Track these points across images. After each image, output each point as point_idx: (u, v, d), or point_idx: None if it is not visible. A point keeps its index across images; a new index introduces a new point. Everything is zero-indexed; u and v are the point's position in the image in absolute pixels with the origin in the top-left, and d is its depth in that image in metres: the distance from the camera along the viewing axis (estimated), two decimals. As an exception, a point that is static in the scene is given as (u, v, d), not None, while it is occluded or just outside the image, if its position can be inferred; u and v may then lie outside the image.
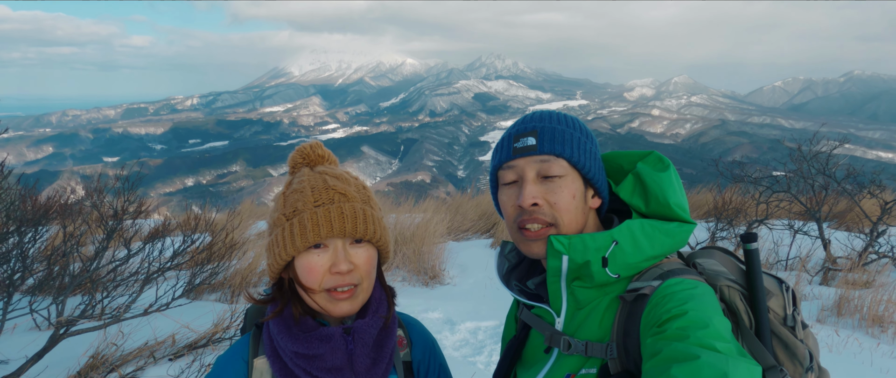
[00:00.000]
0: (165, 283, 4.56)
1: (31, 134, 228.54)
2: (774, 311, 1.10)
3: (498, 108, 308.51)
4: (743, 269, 1.15)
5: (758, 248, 1.11)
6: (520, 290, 1.27)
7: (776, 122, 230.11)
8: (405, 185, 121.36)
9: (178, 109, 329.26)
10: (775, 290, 1.12)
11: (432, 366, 1.32)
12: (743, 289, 1.09)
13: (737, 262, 1.19)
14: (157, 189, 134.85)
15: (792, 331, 1.09)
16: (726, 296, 1.08)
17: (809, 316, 4.81)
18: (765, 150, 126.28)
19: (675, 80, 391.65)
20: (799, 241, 7.09)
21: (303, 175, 1.20)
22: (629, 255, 1.09)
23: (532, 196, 1.12)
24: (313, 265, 1.11)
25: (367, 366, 1.13)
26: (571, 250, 1.09)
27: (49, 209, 3.68)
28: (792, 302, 1.11)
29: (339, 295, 1.13)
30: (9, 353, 3.58)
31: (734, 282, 1.09)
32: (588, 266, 1.09)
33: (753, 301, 1.08)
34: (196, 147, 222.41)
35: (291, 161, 1.25)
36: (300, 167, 1.24)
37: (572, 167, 1.14)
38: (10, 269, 3.43)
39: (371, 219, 1.16)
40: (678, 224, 1.14)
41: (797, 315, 1.10)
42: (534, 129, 1.16)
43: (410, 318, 1.37)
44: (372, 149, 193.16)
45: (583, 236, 1.10)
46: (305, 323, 1.14)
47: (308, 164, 1.24)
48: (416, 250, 6.28)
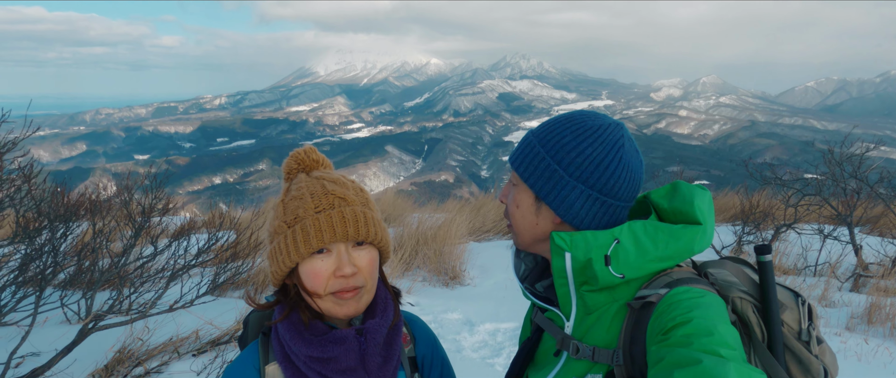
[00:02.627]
0: (190, 280, 4.64)
1: (66, 131, 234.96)
2: (789, 324, 1.08)
3: (522, 108, 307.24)
4: (756, 282, 1.13)
5: (772, 260, 1.10)
6: (533, 292, 1.28)
7: (808, 123, 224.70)
8: (429, 185, 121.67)
9: (207, 108, 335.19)
10: (790, 304, 1.10)
11: (435, 360, 1.35)
12: (756, 301, 1.08)
13: (750, 272, 1.16)
14: (184, 187, 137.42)
15: (806, 346, 1.07)
16: (739, 308, 1.07)
17: (838, 323, 4.69)
18: (796, 152, 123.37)
19: (703, 81, 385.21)
20: (829, 246, 6.91)
21: (300, 181, 1.21)
22: (632, 255, 1.08)
23: (502, 195, 1.29)
24: (318, 270, 1.13)
25: (378, 364, 1.16)
26: (573, 247, 1.10)
27: (78, 206, 3.79)
28: (808, 316, 1.09)
29: (344, 295, 1.15)
30: (40, 345, 3.69)
31: (747, 293, 1.08)
32: (591, 265, 1.09)
33: (766, 314, 1.07)
34: (223, 145, 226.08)
35: (286, 167, 1.26)
36: (296, 173, 1.25)
37: (521, 180, 1.21)
38: (43, 265, 3.54)
39: (371, 221, 1.18)
40: (683, 226, 1.11)
41: (812, 330, 1.08)
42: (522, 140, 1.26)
43: (411, 315, 1.40)
44: (396, 148, 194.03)
45: (585, 233, 1.11)
46: (315, 327, 1.16)
47: (304, 170, 1.25)
48: (436, 251, 6.30)
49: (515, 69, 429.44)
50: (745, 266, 1.18)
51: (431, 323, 4.72)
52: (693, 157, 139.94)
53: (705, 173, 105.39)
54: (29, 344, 3.63)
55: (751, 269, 1.18)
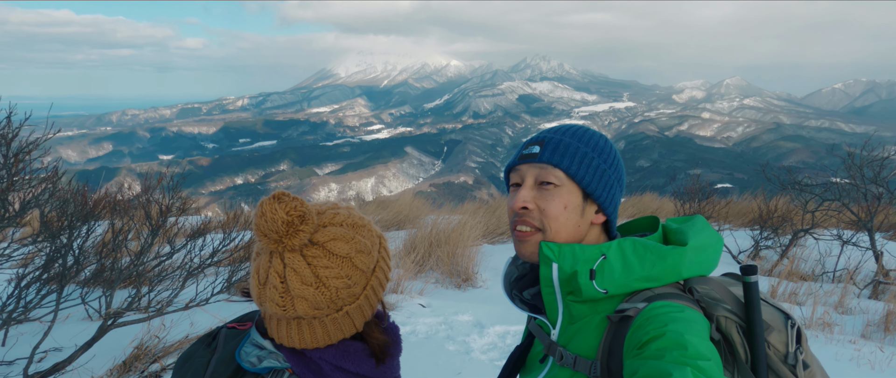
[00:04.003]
0: (205, 280, 4.75)
1: (93, 132, 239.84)
2: (775, 346, 1.06)
3: (542, 109, 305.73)
4: (741, 301, 1.11)
5: (757, 280, 1.08)
6: (520, 300, 1.30)
7: (835, 125, 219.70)
8: (447, 187, 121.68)
9: (229, 109, 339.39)
10: (778, 326, 1.08)
11: None
12: (741, 320, 1.07)
13: (737, 290, 1.14)
14: (206, 187, 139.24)
15: (792, 369, 1.05)
16: (723, 326, 1.06)
17: (853, 331, 4.63)
18: (822, 155, 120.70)
19: (726, 82, 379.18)
20: (848, 252, 6.80)
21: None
22: (617, 272, 1.10)
23: (523, 200, 1.17)
24: None
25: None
26: (561, 258, 1.12)
27: (99, 206, 3.91)
28: (796, 339, 1.07)
29: None
30: (62, 340, 3.82)
31: (732, 312, 1.07)
32: (575, 277, 1.11)
33: (750, 334, 1.05)
34: (245, 146, 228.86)
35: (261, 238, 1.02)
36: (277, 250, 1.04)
37: (570, 178, 1.17)
38: (65, 263, 3.66)
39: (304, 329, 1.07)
40: (672, 247, 1.12)
41: (800, 353, 1.06)
42: (543, 139, 1.21)
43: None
44: (415, 149, 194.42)
45: (573, 246, 1.13)
46: None
47: (279, 251, 1.02)
48: (450, 253, 6.34)
49: (535, 71, 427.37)
50: (733, 282, 1.16)
51: (442, 324, 4.76)
52: (716, 160, 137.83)
53: (728, 176, 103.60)
54: (51, 339, 3.76)
55: (740, 284, 1.15)
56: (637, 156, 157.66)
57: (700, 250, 1.13)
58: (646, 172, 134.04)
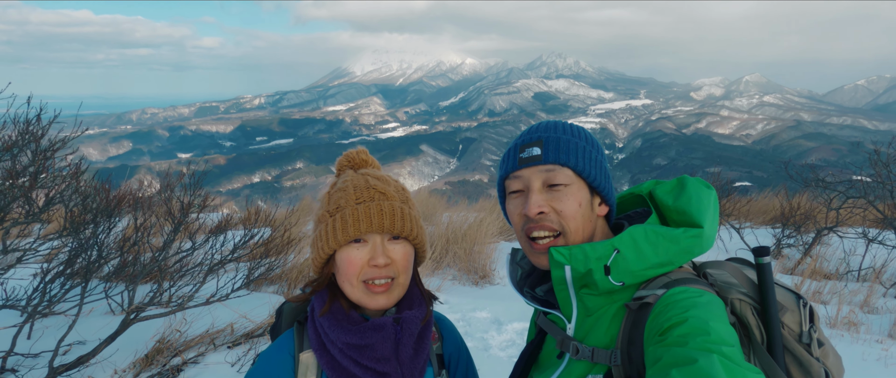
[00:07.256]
0: (226, 275, 4.79)
1: (113, 130, 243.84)
2: (789, 326, 1.08)
3: (558, 107, 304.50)
4: (756, 283, 1.12)
5: (770, 261, 1.10)
6: (532, 296, 1.29)
7: (857, 123, 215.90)
8: (462, 184, 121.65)
9: (246, 108, 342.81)
10: (791, 306, 1.10)
11: (461, 360, 1.39)
12: (755, 303, 1.08)
13: (751, 273, 1.16)
14: (223, 185, 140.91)
15: (807, 348, 1.07)
16: (738, 309, 1.07)
17: (881, 330, 4.54)
18: (844, 153, 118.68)
19: (746, 79, 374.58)
20: (873, 250, 6.67)
21: (347, 176, 1.28)
22: (632, 263, 1.09)
23: (538, 205, 1.14)
24: (353, 258, 1.19)
25: (409, 356, 1.19)
26: (573, 260, 1.11)
27: (122, 202, 3.96)
28: (809, 318, 1.09)
29: (375, 288, 1.19)
30: (86, 334, 3.87)
31: (746, 295, 1.08)
32: (591, 275, 1.10)
33: (765, 316, 1.06)
34: (262, 144, 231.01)
35: (338, 165, 1.36)
36: (345, 169, 1.33)
37: (577, 176, 1.16)
38: (88, 258, 3.72)
39: (408, 217, 1.23)
40: (684, 229, 1.12)
41: (814, 332, 1.08)
42: (539, 139, 1.19)
43: (440, 314, 1.43)
44: (431, 147, 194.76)
45: (583, 246, 1.11)
46: (352, 317, 1.21)
47: (352, 167, 1.32)
48: (467, 250, 6.33)
49: (551, 68, 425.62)
50: (745, 266, 1.18)
51: (460, 321, 4.75)
52: (734, 158, 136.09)
53: (747, 174, 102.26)
54: (75, 333, 3.81)
55: (752, 269, 1.17)
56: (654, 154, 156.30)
57: (710, 227, 1.13)
58: (663, 170, 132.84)
